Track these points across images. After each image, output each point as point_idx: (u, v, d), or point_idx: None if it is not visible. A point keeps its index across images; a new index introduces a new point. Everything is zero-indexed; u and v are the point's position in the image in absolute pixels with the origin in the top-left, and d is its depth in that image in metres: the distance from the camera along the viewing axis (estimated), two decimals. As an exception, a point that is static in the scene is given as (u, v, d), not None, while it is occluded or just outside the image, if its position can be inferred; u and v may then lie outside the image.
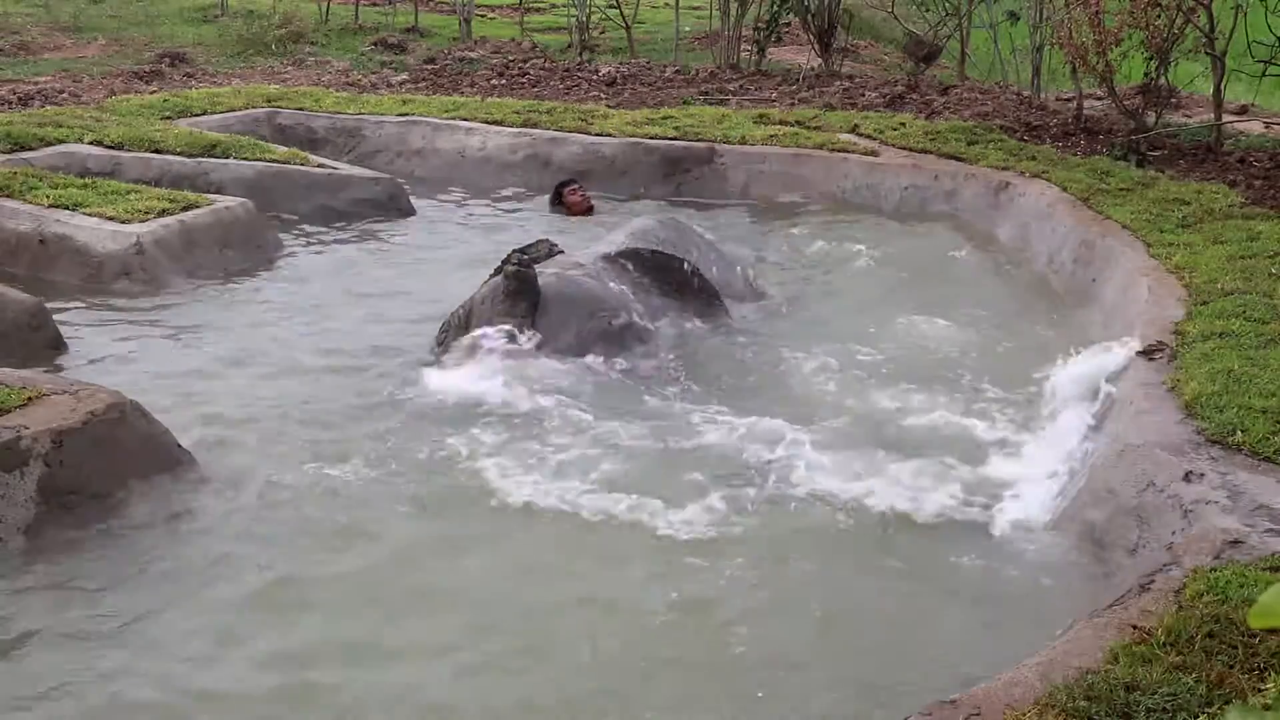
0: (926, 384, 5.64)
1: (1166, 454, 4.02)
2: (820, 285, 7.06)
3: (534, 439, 5.03)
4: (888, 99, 10.86)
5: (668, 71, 12.63)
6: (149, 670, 3.53)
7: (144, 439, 4.42)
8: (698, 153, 9.07)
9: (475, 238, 7.93)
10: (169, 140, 8.41)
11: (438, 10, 17.65)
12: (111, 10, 16.64)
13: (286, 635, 3.71)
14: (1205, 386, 4.40)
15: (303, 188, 8.20)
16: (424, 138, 9.77)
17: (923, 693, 3.16)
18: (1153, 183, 7.68)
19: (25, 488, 4.00)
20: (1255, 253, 6.08)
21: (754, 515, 4.43)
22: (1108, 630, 3.10)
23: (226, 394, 5.38)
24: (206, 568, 4.03)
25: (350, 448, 4.91)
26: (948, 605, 3.92)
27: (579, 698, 3.43)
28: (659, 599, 3.88)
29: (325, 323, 6.32)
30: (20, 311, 5.69)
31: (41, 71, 12.62)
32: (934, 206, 8.28)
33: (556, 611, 3.86)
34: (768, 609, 3.86)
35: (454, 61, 13.59)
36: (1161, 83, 9.17)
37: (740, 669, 3.56)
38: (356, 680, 3.49)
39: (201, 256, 6.89)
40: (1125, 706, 2.74)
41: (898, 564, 4.14)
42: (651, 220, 6.73)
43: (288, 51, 14.27)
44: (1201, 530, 3.58)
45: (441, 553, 4.22)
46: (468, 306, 5.73)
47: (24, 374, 4.62)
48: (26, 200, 6.97)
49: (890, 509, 4.47)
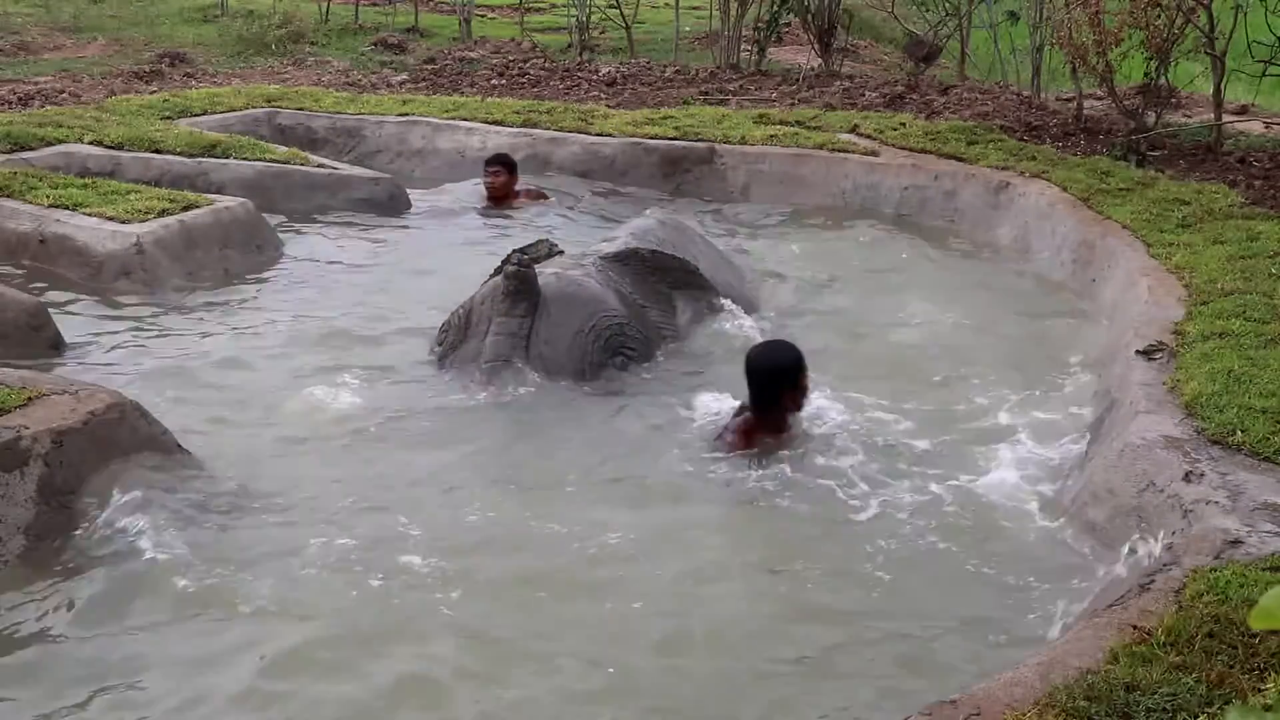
0: (927, 384, 5.64)
1: (1166, 454, 4.02)
2: (820, 285, 7.06)
3: (534, 440, 5.03)
4: (888, 99, 10.86)
5: (668, 71, 12.63)
6: (149, 670, 3.53)
7: (144, 439, 4.41)
8: (698, 153, 9.07)
9: (475, 238, 7.93)
10: (169, 140, 8.41)
11: (438, 10, 17.64)
12: (111, 10, 16.63)
13: (287, 634, 3.70)
14: (1205, 386, 4.40)
15: (303, 188, 8.20)
16: (424, 138, 9.78)
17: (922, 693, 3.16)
18: (1153, 183, 7.68)
19: (25, 488, 4.00)
20: (1255, 253, 6.08)
21: (753, 516, 4.44)
22: (1108, 630, 3.10)
23: (226, 394, 5.38)
24: (207, 567, 4.03)
25: (350, 447, 4.91)
26: (947, 605, 3.91)
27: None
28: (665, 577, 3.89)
29: (325, 323, 6.32)
30: (20, 311, 5.69)
31: (41, 71, 12.62)
32: (934, 206, 8.28)
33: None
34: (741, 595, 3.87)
35: (454, 61, 13.59)
36: (1161, 83, 9.18)
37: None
38: (351, 683, 3.49)
39: (201, 257, 6.89)
40: (1125, 706, 2.74)
41: (898, 563, 4.14)
42: (651, 220, 6.73)
43: (288, 51, 14.27)
44: (1201, 530, 3.58)
45: (445, 551, 4.21)
46: (468, 307, 5.73)
47: (24, 374, 4.62)
48: (26, 200, 6.96)
49: (889, 510, 4.47)
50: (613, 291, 5.75)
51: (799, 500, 4.52)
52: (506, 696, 3.44)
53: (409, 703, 3.42)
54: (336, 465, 4.76)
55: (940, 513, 4.45)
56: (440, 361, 5.67)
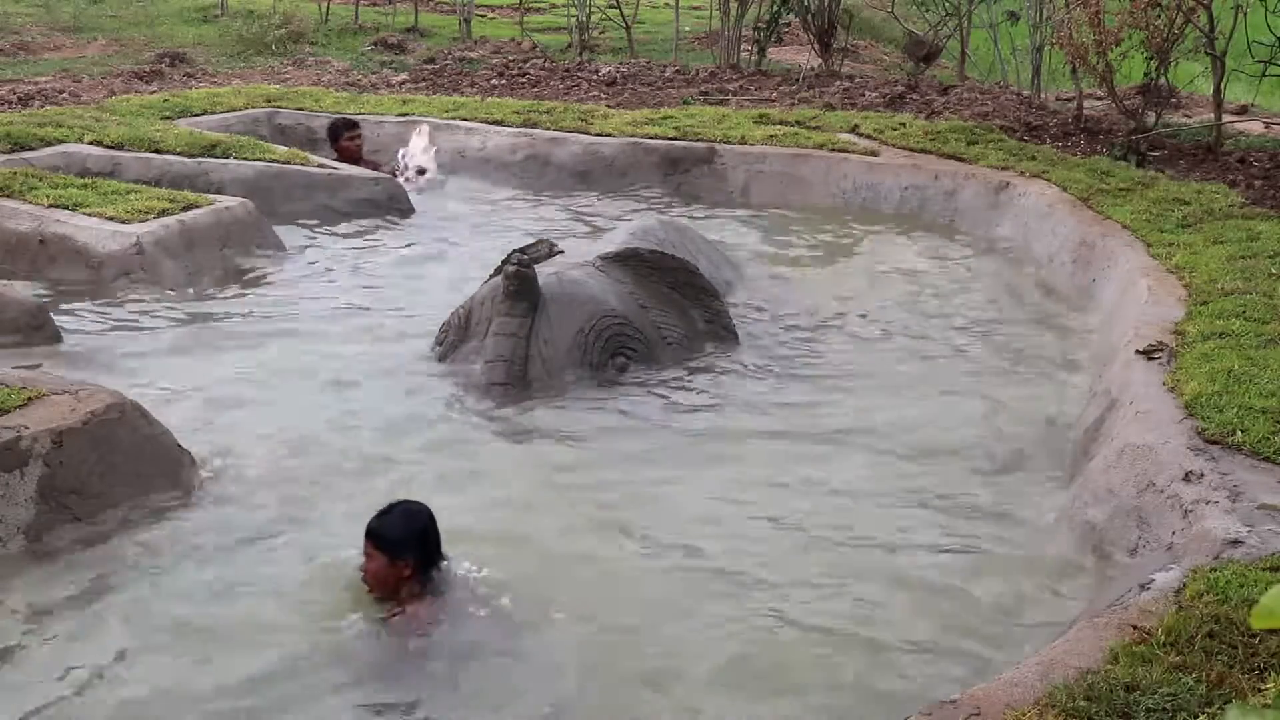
0: (926, 384, 5.64)
1: (1166, 454, 4.02)
2: (819, 284, 7.05)
3: (535, 439, 5.03)
4: (888, 99, 10.86)
5: (668, 71, 12.63)
6: (148, 669, 3.53)
7: (144, 439, 4.41)
8: (698, 153, 9.07)
9: (475, 238, 7.93)
10: (169, 140, 8.41)
11: (438, 10, 17.64)
12: (111, 10, 16.64)
13: (288, 633, 3.70)
14: (1205, 386, 4.40)
15: (303, 188, 8.20)
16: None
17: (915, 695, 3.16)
18: (1153, 183, 7.68)
19: (25, 488, 4.00)
20: (1255, 253, 6.08)
21: (750, 516, 4.44)
22: (1108, 630, 3.10)
23: (226, 394, 5.38)
24: (207, 567, 4.03)
25: (350, 447, 4.91)
26: (945, 605, 3.91)
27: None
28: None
29: (325, 323, 6.32)
30: (20, 311, 5.69)
31: (41, 71, 12.62)
32: (934, 206, 8.28)
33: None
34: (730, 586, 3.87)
35: (454, 61, 13.59)
36: (1161, 83, 9.18)
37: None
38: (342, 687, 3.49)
39: (201, 256, 6.89)
40: (1125, 706, 2.74)
41: (898, 562, 4.14)
42: (652, 220, 6.73)
43: (288, 51, 14.27)
44: (1201, 530, 3.58)
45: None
46: (467, 307, 5.73)
47: (24, 374, 4.62)
48: (26, 200, 6.96)
49: (889, 510, 4.48)
50: (613, 292, 5.75)
51: (790, 499, 4.52)
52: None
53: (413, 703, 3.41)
54: (336, 465, 4.76)
55: (939, 513, 4.45)
56: (440, 361, 5.67)
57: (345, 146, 8.97)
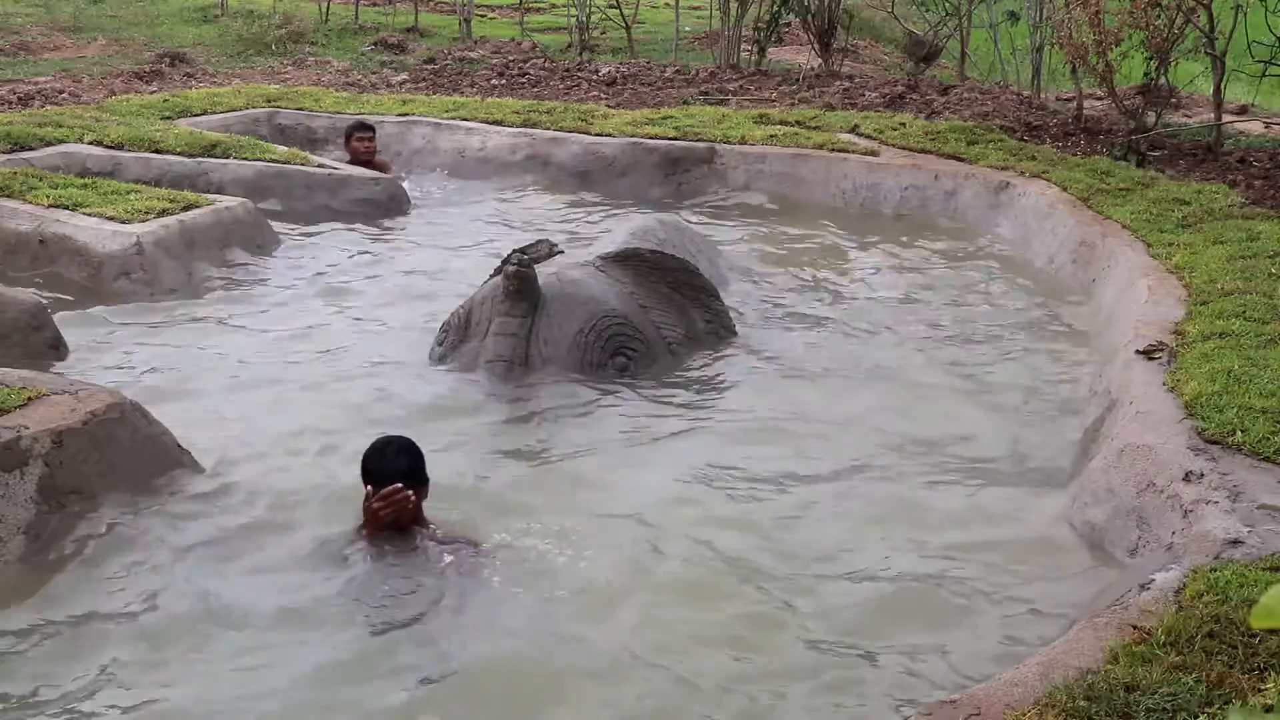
0: (926, 384, 5.64)
1: (1166, 454, 4.02)
2: (819, 285, 7.06)
3: (535, 439, 5.03)
4: (888, 99, 10.86)
5: (668, 71, 12.63)
6: (149, 669, 3.53)
7: (144, 439, 4.41)
8: (698, 153, 9.07)
9: (475, 238, 7.93)
10: (169, 140, 8.41)
11: (438, 10, 17.64)
12: (111, 10, 16.63)
13: (288, 634, 3.70)
14: (1205, 386, 4.40)
15: (303, 188, 8.20)
16: (424, 138, 9.78)
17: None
18: (1153, 183, 7.68)
19: (25, 488, 4.00)
20: (1255, 253, 6.08)
21: (746, 517, 4.44)
22: (1108, 630, 3.10)
23: (226, 394, 5.38)
24: (207, 567, 4.03)
25: (351, 448, 4.90)
26: (945, 606, 3.91)
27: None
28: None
29: (325, 323, 6.32)
30: (20, 312, 5.68)
31: (41, 71, 12.62)
32: (934, 206, 8.28)
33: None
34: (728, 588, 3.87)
35: (454, 61, 13.59)
36: (1161, 83, 9.18)
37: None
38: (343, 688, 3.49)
39: (202, 256, 6.89)
40: (1125, 706, 2.74)
41: (897, 563, 4.14)
42: (652, 220, 6.73)
43: (288, 51, 14.27)
44: (1201, 530, 3.58)
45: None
46: (468, 307, 5.73)
47: (24, 374, 4.61)
48: (26, 200, 6.96)
49: (887, 509, 4.48)
50: (613, 292, 5.75)
51: (791, 501, 4.53)
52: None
53: (417, 705, 3.42)
54: (336, 465, 4.75)
55: (938, 512, 4.45)
56: (440, 361, 5.67)
57: (355, 147, 8.98)
